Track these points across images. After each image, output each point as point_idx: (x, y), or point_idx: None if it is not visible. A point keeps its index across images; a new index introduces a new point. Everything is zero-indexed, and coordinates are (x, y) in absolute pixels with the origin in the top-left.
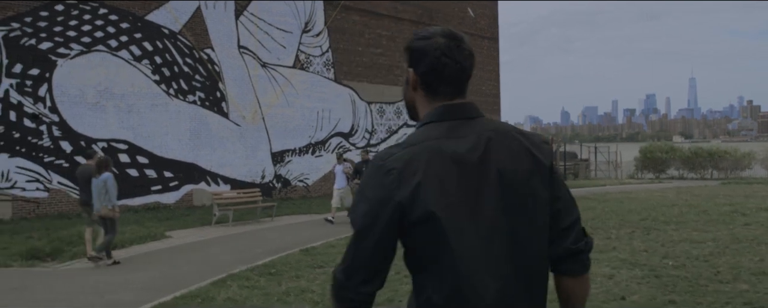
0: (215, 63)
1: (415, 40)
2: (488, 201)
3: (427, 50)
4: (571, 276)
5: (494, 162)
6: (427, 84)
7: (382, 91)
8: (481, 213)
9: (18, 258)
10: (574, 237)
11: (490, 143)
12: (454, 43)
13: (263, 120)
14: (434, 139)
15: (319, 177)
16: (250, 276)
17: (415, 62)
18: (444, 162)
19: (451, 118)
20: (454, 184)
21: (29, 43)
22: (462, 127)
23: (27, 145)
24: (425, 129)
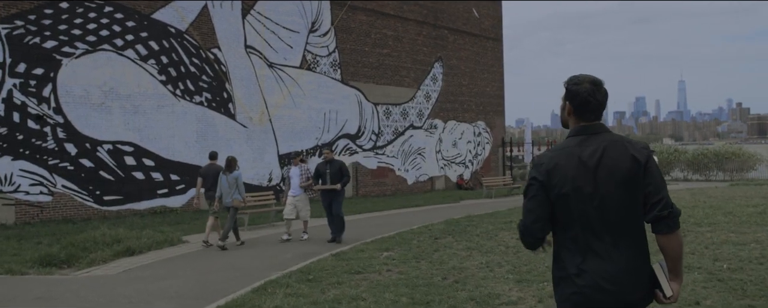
0: (222, 63)
1: (571, 84)
2: (600, 186)
3: (579, 92)
4: (662, 234)
5: (607, 162)
6: (577, 113)
7: (389, 92)
8: (595, 193)
9: (32, 265)
10: (660, 207)
11: (605, 150)
12: (595, 88)
13: (270, 121)
14: (571, 147)
15: None
16: (290, 283)
17: (571, 98)
18: (573, 161)
19: (583, 134)
20: (578, 175)
21: (33, 41)
22: (589, 140)
23: (31, 147)
24: (568, 139)
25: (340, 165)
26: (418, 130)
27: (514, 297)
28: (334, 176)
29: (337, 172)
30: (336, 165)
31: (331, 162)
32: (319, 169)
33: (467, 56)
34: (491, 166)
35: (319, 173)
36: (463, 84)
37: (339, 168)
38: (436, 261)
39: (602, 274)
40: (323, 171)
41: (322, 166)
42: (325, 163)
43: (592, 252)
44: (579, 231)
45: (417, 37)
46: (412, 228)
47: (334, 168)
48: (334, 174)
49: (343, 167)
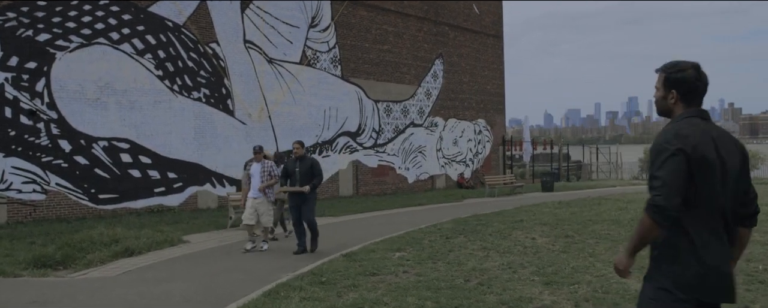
0: (220, 58)
1: (674, 72)
2: (725, 172)
3: (686, 79)
4: (745, 227)
5: (726, 148)
6: (686, 99)
7: (389, 89)
8: (723, 176)
9: (26, 267)
10: (754, 205)
11: (721, 137)
12: (698, 73)
13: (269, 118)
14: (701, 126)
15: (326, 179)
16: (303, 286)
17: (677, 86)
18: (708, 140)
19: (701, 117)
20: (714, 156)
21: (26, 34)
22: (709, 123)
23: (23, 144)
24: (690, 120)
25: (311, 162)
26: (419, 127)
27: (548, 301)
28: (305, 176)
29: (307, 171)
30: (307, 163)
31: (301, 159)
32: (287, 167)
33: (468, 53)
34: (492, 165)
35: (288, 172)
36: (463, 81)
37: (310, 166)
38: (453, 261)
39: (723, 257)
40: (292, 170)
41: (290, 164)
42: (295, 160)
43: (715, 235)
44: (705, 212)
45: (417, 34)
46: (421, 228)
47: (304, 167)
48: (304, 174)
49: (315, 165)
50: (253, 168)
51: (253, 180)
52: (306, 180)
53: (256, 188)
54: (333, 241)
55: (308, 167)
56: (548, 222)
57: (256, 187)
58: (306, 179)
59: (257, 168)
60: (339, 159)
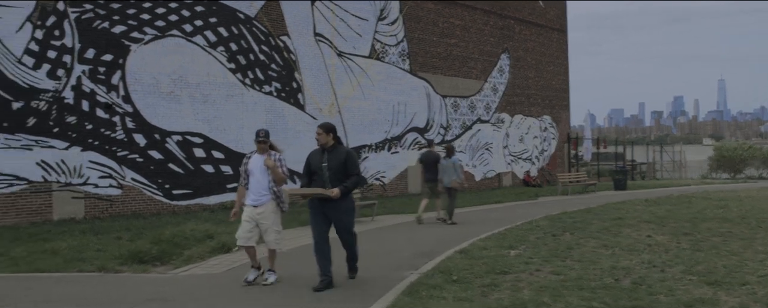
0: (291, 51)
1: None
2: None
3: None
4: None
5: None
6: None
7: (457, 84)
8: None
9: (123, 262)
10: None
11: None
12: None
13: (339, 113)
14: None
15: (395, 176)
16: (440, 285)
17: None
18: None
19: None
20: None
21: (102, 26)
22: None
23: (100, 138)
24: None
25: (345, 155)
26: (486, 123)
27: (734, 303)
28: (336, 174)
29: (339, 168)
30: (338, 156)
31: (331, 149)
32: (310, 161)
33: (533, 48)
34: (557, 163)
35: (311, 168)
36: (529, 77)
37: (343, 160)
38: (583, 260)
39: None
40: (317, 166)
41: (315, 158)
42: (322, 152)
43: None
44: None
45: (484, 27)
46: (516, 225)
47: (334, 161)
48: (334, 171)
49: (349, 159)
50: (252, 162)
51: (253, 180)
52: (337, 179)
53: (260, 189)
54: (435, 237)
55: (340, 162)
56: (650, 219)
57: (260, 188)
58: (337, 178)
59: (259, 162)
60: (408, 155)
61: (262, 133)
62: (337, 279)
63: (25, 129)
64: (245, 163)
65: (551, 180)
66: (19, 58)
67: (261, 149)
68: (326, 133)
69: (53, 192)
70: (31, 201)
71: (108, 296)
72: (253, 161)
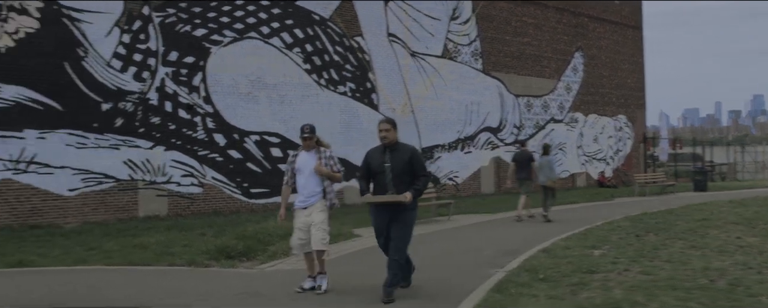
0: (365, 52)
1: None
2: None
3: None
4: None
5: None
6: None
7: (530, 84)
8: None
9: (211, 257)
10: None
11: None
12: None
13: (413, 113)
14: None
15: (468, 175)
16: (526, 282)
17: None
18: None
19: None
20: None
21: (184, 29)
22: None
23: (182, 138)
24: None
25: (410, 154)
26: (559, 123)
27: None
28: (401, 176)
29: (404, 168)
30: (402, 155)
31: (393, 147)
32: (370, 162)
33: (607, 46)
34: (633, 163)
35: (370, 168)
36: (603, 75)
37: (408, 160)
38: (672, 260)
39: None
40: (378, 166)
41: (375, 157)
42: (383, 150)
43: None
44: None
45: (557, 25)
46: (596, 225)
47: (398, 161)
48: (399, 173)
49: (415, 159)
50: (300, 160)
51: (300, 179)
52: (401, 181)
53: (309, 189)
54: (516, 237)
55: (404, 161)
56: (737, 221)
57: (309, 188)
58: (401, 180)
59: (308, 160)
60: (481, 155)
61: (306, 128)
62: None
63: (113, 129)
64: (291, 162)
65: (627, 181)
66: (107, 62)
67: (307, 145)
68: (393, 128)
69: (139, 190)
70: (118, 198)
71: (201, 288)
72: (301, 159)
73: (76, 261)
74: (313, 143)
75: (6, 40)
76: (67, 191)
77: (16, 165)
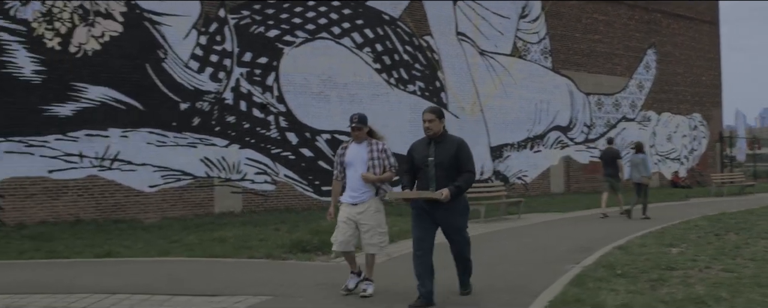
0: (434, 51)
1: None
2: None
3: None
4: None
5: None
6: None
7: (601, 82)
8: None
9: (287, 251)
10: None
11: None
12: None
13: (482, 111)
14: None
15: (537, 174)
16: (603, 277)
17: None
18: None
19: None
20: None
21: (258, 30)
22: None
23: (256, 136)
24: None
25: (456, 147)
26: (631, 122)
27: None
28: (446, 170)
29: (449, 162)
30: (450, 147)
31: (439, 139)
32: (414, 155)
33: (682, 42)
34: (708, 163)
35: (414, 162)
36: (677, 72)
37: (454, 153)
38: (756, 259)
39: None
40: (421, 160)
41: (420, 148)
42: (428, 142)
43: None
44: None
45: (629, 22)
46: (672, 224)
47: (445, 153)
48: (444, 167)
49: (461, 151)
50: (349, 152)
51: (351, 174)
52: (446, 176)
53: (359, 184)
54: (588, 234)
55: (450, 155)
56: None
57: (359, 184)
58: (446, 175)
59: (359, 153)
60: (550, 154)
61: (355, 117)
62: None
63: (191, 128)
64: (341, 154)
65: (702, 181)
66: (185, 63)
67: (356, 136)
68: (438, 118)
69: (215, 187)
70: (195, 194)
71: (281, 279)
72: (351, 152)
73: (159, 253)
74: (363, 134)
75: (93, 43)
76: (147, 187)
77: (101, 163)
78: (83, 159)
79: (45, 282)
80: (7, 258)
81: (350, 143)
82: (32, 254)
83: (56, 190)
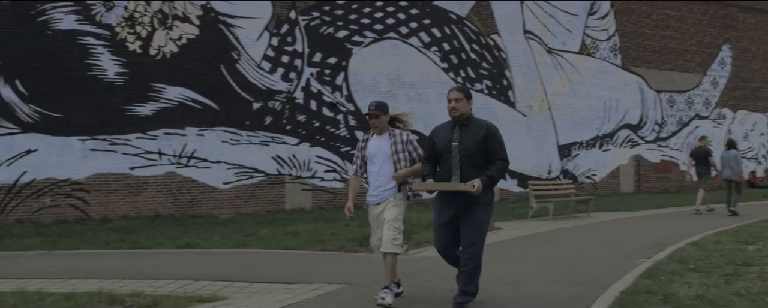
0: (501, 49)
1: None
2: None
3: None
4: None
5: None
6: None
7: (672, 79)
8: None
9: (358, 244)
10: None
11: None
12: None
13: (549, 110)
14: None
15: (607, 174)
16: (676, 271)
17: None
18: None
19: None
20: None
21: (327, 31)
22: None
23: (325, 135)
24: None
25: (484, 131)
26: (705, 120)
27: None
28: (472, 157)
29: (477, 147)
30: (477, 132)
31: (464, 122)
32: (436, 140)
33: (759, 37)
34: None
35: (436, 148)
36: (754, 68)
37: (481, 139)
38: None
39: None
40: (444, 145)
41: (443, 132)
42: (452, 126)
43: None
44: None
45: (702, 17)
46: (748, 222)
47: (471, 138)
48: (471, 153)
49: (490, 137)
50: (371, 145)
51: (372, 169)
52: (472, 164)
53: (383, 179)
54: (657, 232)
55: (476, 140)
56: None
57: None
58: (472, 163)
59: (380, 146)
60: (620, 153)
61: (372, 105)
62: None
63: (263, 126)
64: (362, 148)
65: None
66: (258, 64)
67: (375, 127)
68: (467, 98)
69: (286, 184)
70: (267, 191)
71: (354, 270)
72: (373, 144)
73: (236, 245)
74: (382, 123)
75: (171, 45)
76: (222, 184)
77: (179, 160)
78: (162, 156)
79: (132, 269)
80: (96, 248)
81: (372, 135)
82: (118, 245)
83: (137, 186)
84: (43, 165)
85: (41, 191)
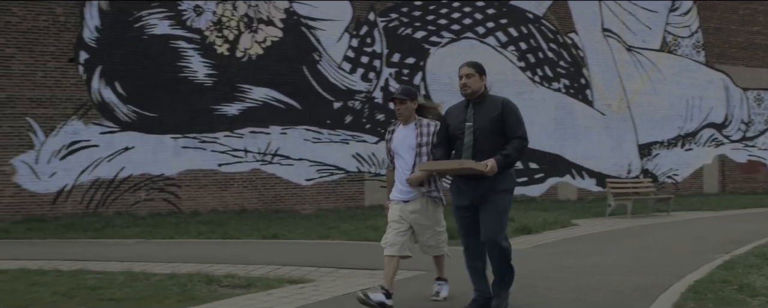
0: (579, 48)
1: None
2: None
3: None
4: None
5: None
6: None
7: (760, 76)
8: None
9: None
10: None
11: None
12: None
13: (629, 108)
14: None
15: (689, 174)
16: (754, 264)
17: None
18: None
19: None
20: None
21: (405, 32)
22: None
23: None
24: None
25: (501, 108)
26: None
27: None
28: (487, 136)
29: (493, 125)
30: (492, 109)
31: (478, 100)
32: (449, 122)
33: None
34: None
35: (449, 129)
36: None
37: (497, 116)
38: None
39: None
40: (458, 126)
41: (455, 113)
42: (466, 105)
43: None
44: None
45: None
46: None
47: (486, 116)
48: (487, 133)
49: (509, 110)
50: (396, 137)
51: (400, 164)
52: (489, 145)
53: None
54: (738, 230)
55: (492, 118)
56: None
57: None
58: (489, 143)
59: (405, 137)
60: (703, 152)
61: (399, 90)
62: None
63: (343, 125)
64: (389, 140)
65: None
66: (338, 64)
67: (400, 114)
68: (479, 74)
69: (365, 181)
70: (347, 188)
71: (427, 260)
72: (398, 136)
73: (320, 236)
74: (408, 111)
75: (256, 48)
76: (304, 181)
77: (263, 157)
78: (247, 154)
79: (224, 255)
80: (189, 237)
81: (398, 125)
82: (209, 235)
83: (224, 182)
84: (139, 161)
85: (137, 185)
